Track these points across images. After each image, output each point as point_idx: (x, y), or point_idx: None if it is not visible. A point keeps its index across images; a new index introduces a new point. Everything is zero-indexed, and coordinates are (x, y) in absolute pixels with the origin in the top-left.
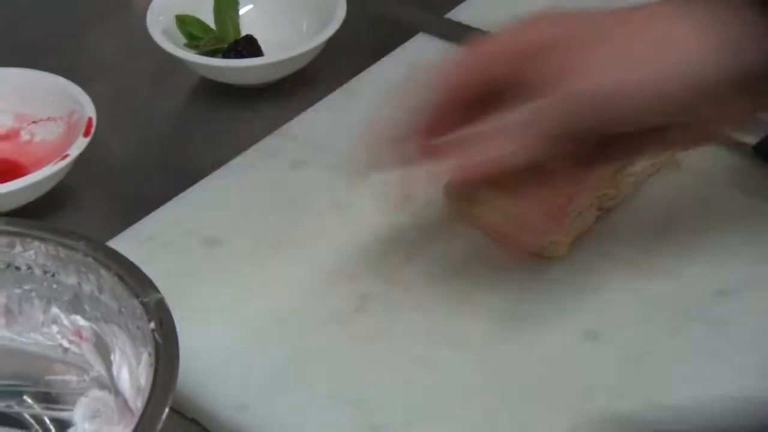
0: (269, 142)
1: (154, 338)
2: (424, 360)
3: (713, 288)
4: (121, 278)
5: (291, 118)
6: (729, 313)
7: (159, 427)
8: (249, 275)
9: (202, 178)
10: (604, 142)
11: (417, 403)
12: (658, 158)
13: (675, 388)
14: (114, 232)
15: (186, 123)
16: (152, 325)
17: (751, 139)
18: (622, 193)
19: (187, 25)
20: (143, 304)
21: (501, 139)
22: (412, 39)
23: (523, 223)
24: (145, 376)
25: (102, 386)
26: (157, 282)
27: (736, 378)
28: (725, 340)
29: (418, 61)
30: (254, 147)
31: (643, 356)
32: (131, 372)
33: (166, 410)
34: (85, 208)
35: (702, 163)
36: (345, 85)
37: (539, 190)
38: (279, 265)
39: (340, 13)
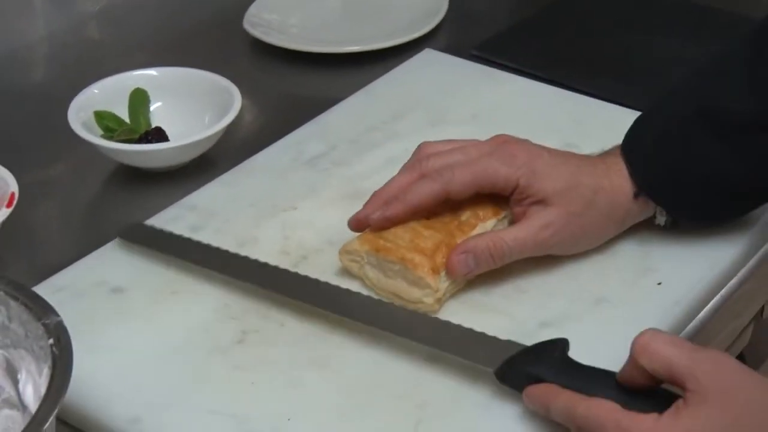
0: (171, 210)
1: (52, 352)
2: (293, 380)
3: (538, 320)
4: (26, 306)
5: None
6: None
7: (55, 410)
8: (147, 316)
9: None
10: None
11: (284, 413)
12: None
13: (504, 397)
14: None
15: (102, 200)
16: (51, 341)
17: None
18: None
19: (104, 119)
20: (45, 325)
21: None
22: (297, 130)
23: (402, 282)
24: (45, 386)
25: (11, 406)
26: (67, 322)
27: None
28: None
29: (302, 149)
30: (157, 215)
31: (476, 374)
32: (35, 386)
33: (62, 399)
34: (6, 267)
35: None
36: (237, 166)
37: (418, 254)
38: (174, 308)
39: (236, 106)
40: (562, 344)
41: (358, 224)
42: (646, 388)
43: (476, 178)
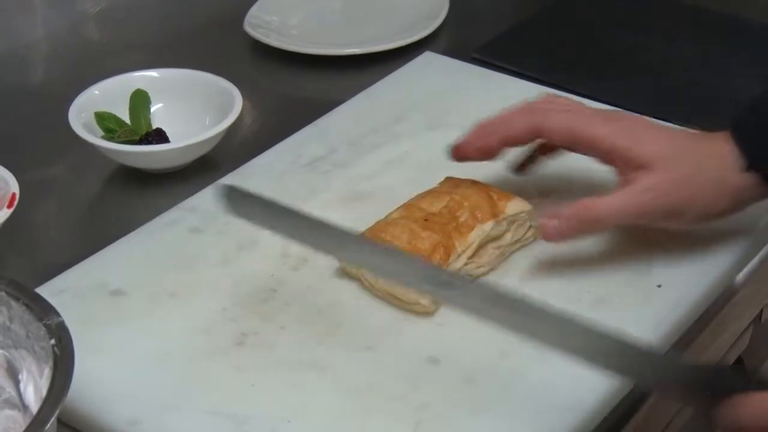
0: (171, 213)
1: (54, 352)
2: (291, 382)
3: None
4: (27, 306)
5: None
6: None
7: (57, 411)
8: (148, 319)
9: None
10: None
11: (284, 415)
12: (523, 236)
13: (504, 399)
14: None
15: (102, 201)
16: (53, 341)
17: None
18: (489, 264)
19: (104, 120)
20: (46, 326)
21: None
22: (297, 132)
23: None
24: (47, 387)
25: (12, 406)
26: (68, 324)
27: (558, 390)
28: (548, 359)
29: (302, 151)
30: (158, 217)
31: (476, 376)
32: (36, 387)
33: (63, 399)
34: (6, 268)
35: None
36: (238, 169)
37: (417, 256)
38: (174, 311)
39: (237, 108)
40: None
41: (457, 152)
42: None
43: (574, 127)
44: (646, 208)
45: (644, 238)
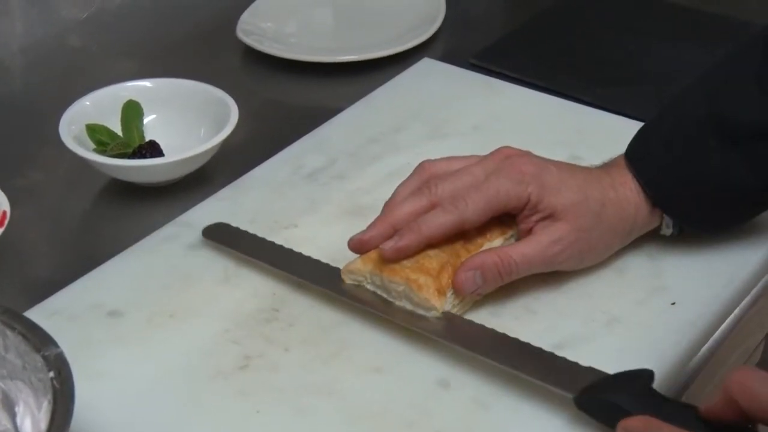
0: (167, 229)
1: (53, 385)
2: (298, 407)
3: (550, 343)
4: (24, 336)
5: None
6: None
7: None
8: (146, 341)
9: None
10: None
11: None
12: None
13: (517, 423)
14: (24, 310)
15: (94, 217)
16: (51, 374)
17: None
18: None
19: (96, 132)
20: (44, 357)
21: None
22: (295, 143)
23: (407, 303)
24: (45, 421)
25: None
26: (62, 348)
27: (567, 414)
28: None
29: (301, 162)
30: (153, 233)
31: (488, 399)
32: (34, 420)
33: None
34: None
35: None
36: (235, 182)
37: (423, 275)
38: (173, 332)
39: (233, 119)
40: (646, 375)
41: (361, 246)
42: (733, 425)
43: (490, 203)
44: (554, 260)
45: (654, 251)
